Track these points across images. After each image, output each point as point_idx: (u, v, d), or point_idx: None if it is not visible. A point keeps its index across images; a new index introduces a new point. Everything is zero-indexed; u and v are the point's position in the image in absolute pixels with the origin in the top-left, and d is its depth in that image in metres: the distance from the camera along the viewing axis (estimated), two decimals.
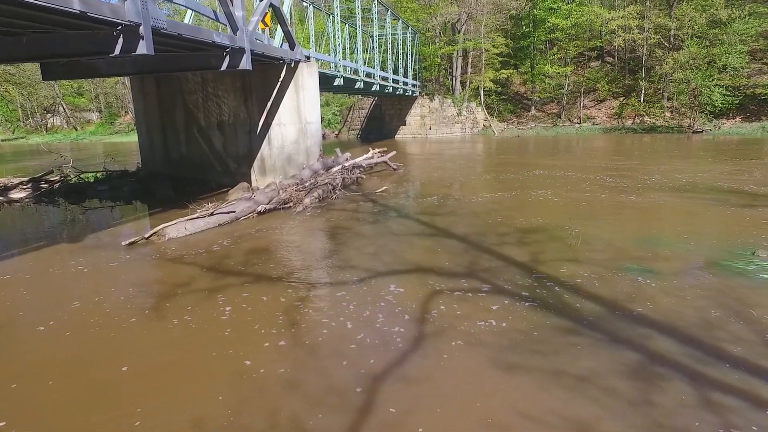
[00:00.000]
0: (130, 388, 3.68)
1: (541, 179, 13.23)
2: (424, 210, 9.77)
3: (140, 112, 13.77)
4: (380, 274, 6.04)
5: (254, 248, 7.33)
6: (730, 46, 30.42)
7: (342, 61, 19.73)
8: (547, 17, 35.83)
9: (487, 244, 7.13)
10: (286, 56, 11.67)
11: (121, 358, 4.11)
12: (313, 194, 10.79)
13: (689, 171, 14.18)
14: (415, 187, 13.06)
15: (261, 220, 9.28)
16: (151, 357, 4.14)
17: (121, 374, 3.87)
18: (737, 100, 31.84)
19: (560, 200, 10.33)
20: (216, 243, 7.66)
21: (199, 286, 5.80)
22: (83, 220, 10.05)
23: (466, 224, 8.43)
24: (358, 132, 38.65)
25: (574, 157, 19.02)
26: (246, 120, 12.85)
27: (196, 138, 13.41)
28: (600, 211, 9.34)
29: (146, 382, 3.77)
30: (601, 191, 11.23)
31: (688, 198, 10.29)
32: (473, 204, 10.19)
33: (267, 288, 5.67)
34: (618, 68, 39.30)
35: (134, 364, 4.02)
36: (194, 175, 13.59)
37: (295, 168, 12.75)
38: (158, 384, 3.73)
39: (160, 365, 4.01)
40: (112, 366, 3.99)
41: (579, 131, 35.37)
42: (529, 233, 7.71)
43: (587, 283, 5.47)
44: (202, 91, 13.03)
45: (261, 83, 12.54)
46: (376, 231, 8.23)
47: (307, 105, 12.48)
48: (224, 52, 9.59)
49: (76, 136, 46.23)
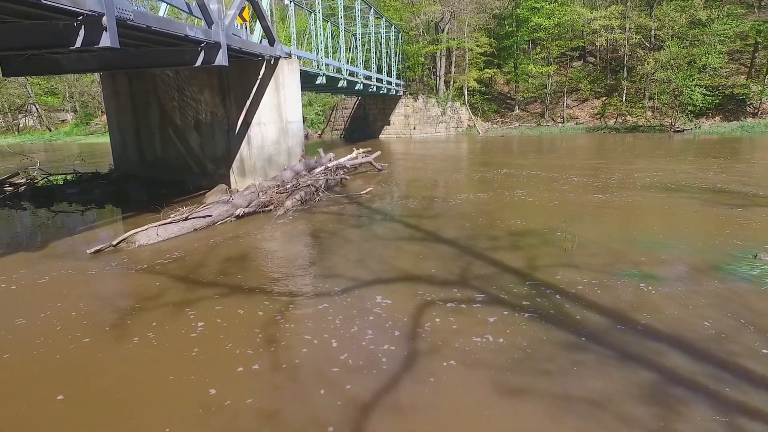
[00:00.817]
0: (59, 422, 3.18)
1: (528, 180, 12.96)
2: (411, 212, 9.38)
3: (112, 111, 13.11)
4: (367, 283, 5.61)
5: (231, 255, 6.84)
6: (710, 46, 30.78)
7: (324, 59, 19.24)
8: (530, 17, 35.85)
9: (479, 249, 6.77)
10: (265, 53, 11.16)
11: (59, 385, 3.60)
12: (294, 196, 10.31)
13: (674, 170, 14.08)
14: (400, 187, 12.67)
15: (239, 225, 8.78)
16: (94, 383, 3.63)
17: (53, 405, 3.36)
18: (717, 100, 32.24)
19: (550, 201, 10.04)
20: (190, 250, 7.15)
21: (169, 298, 5.30)
22: (49, 225, 9.41)
23: (455, 227, 8.06)
24: (341, 132, 38.16)
25: (559, 157, 18.87)
26: (224, 119, 12.30)
27: (172, 138, 12.81)
28: (591, 211, 9.07)
29: (80, 415, 3.26)
30: (590, 191, 10.99)
31: (677, 197, 10.10)
32: (461, 205, 9.83)
33: (244, 300, 5.20)
34: (600, 68, 39.55)
35: (73, 392, 3.51)
36: (170, 177, 12.97)
37: (276, 169, 12.25)
38: (94, 418, 3.22)
39: (102, 394, 3.50)
40: (46, 394, 3.48)
41: (563, 131, 35.45)
42: (521, 236, 7.37)
43: (587, 291, 5.13)
44: (178, 89, 12.43)
45: (239, 81, 12.01)
46: (362, 235, 7.81)
47: (288, 104, 11.99)
48: (199, 47, 9.06)
49: (49, 136, 44.71)
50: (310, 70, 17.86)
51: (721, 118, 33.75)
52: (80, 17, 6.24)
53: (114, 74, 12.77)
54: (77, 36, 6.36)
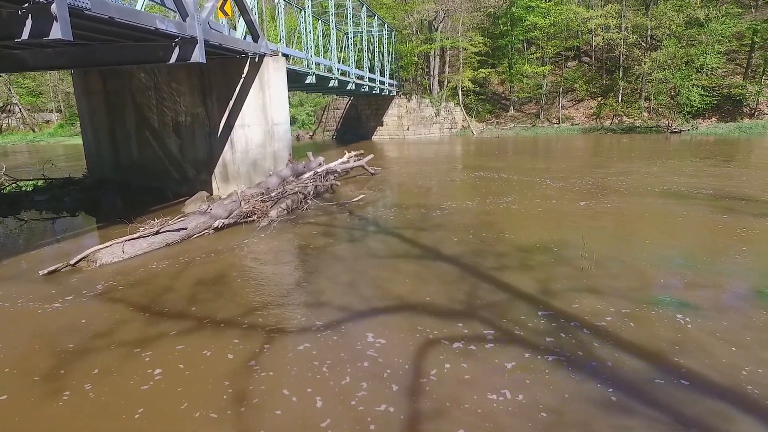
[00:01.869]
0: None
1: (530, 186, 12.23)
2: (407, 223, 8.60)
3: (85, 111, 12.20)
4: (360, 314, 4.82)
5: (204, 277, 6.02)
6: (708, 46, 30.31)
7: (314, 58, 18.42)
8: (525, 16, 35.20)
9: (485, 269, 6.00)
10: (248, 49, 10.34)
11: None
12: (280, 205, 9.49)
13: (681, 173, 13.42)
14: (394, 194, 11.89)
15: (218, 238, 7.95)
16: None
17: None
18: (714, 101, 31.80)
19: (556, 210, 9.31)
20: (158, 270, 6.31)
21: (123, 335, 4.47)
22: (6, 238, 8.52)
23: (456, 241, 7.29)
24: (333, 133, 37.31)
25: (558, 160, 18.17)
26: (205, 121, 11.45)
27: (149, 141, 11.93)
28: (603, 222, 8.34)
29: None
30: (599, 198, 10.28)
31: (693, 205, 9.41)
32: (461, 215, 9.07)
33: (213, 338, 4.39)
34: (595, 68, 39.02)
35: None
36: (148, 183, 12.10)
37: (261, 174, 11.42)
38: None
39: None
40: None
41: (558, 131, 34.85)
42: (531, 252, 6.61)
43: (617, 325, 4.38)
44: (155, 88, 11.57)
45: (221, 80, 11.17)
46: (353, 251, 7.01)
47: (274, 104, 11.17)
48: (173, 42, 8.23)
49: (33, 137, 43.41)
50: (298, 68, 17.03)
51: (718, 118, 33.32)
52: (25, 5, 5.41)
53: (86, 72, 11.87)
54: (23, 27, 5.53)
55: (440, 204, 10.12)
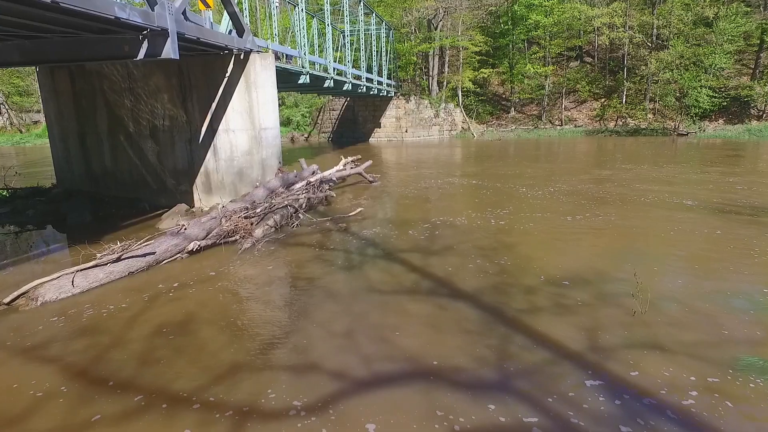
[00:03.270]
0: None
1: (546, 198, 11.11)
2: (413, 244, 7.45)
3: (52, 115, 11.00)
4: (357, 387, 3.67)
5: (166, 322, 4.86)
6: (717, 46, 29.28)
7: (308, 56, 17.25)
8: (528, 14, 34.15)
9: (513, 312, 4.86)
10: (232, 44, 9.18)
11: None
12: (267, 222, 8.34)
13: (705, 182, 12.34)
14: (396, 207, 10.75)
15: (192, 264, 6.80)
16: None
17: None
18: (724, 102, 30.82)
19: (584, 227, 8.20)
20: (111, 312, 5.15)
21: (42, 421, 3.31)
22: None
23: (473, 270, 6.15)
24: (329, 135, 36.14)
25: (568, 166, 17.06)
26: (185, 125, 10.28)
27: (124, 147, 10.75)
28: (639, 243, 7.21)
29: None
30: (626, 212, 9.17)
31: (735, 222, 8.31)
32: (474, 234, 7.93)
33: (160, 424, 3.24)
34: (598, 68, 38.02)
35: None
36: (123, 194, 10.92)
37: (247, 185, 10.27)
38: None
39: None
40: None
41: (561, 134, 33.82)
42: (565, 287, 5.48)
43: (705, 407, 3.25)
44: (129, 88, 10.39)
45: (203, 79, 10.02)
46: (351, 285, 5.85)
47: (262, 107, 10.02)
48: (140, 34, 7.07)
49: (19, 138, 42.02)
50: (291, 68, 15.86)
51: (725, 120, 32.37)
52: None
53: (53, 70, 10.68)
54: None
55: (448, 219, 8.98)
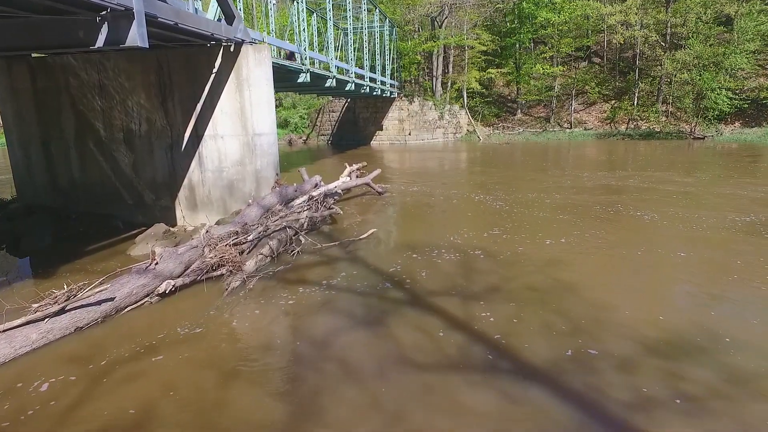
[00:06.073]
0: None
1: (594, 214, 9.59)
2: (448, 283, 5.88)
3: (10, 117, 9.41)
4: None
5: (113, 422, 3.30)
6: (739, 45, 27.78)
7: (309, 53, 15.71)
8: (536, 12, 32.69)
9: (618, 410, 3.33)
10: (219, 33, 7.63)
11: None
12: (261, 249, 6.80)
13: (747, 196, 10.87)
14: (414, 226, 9.22)
15: (164, 311, 5.25)
16: None
17: None
18: (745, 104, 29.42)
19: (656, 259, 6.68)
20: (36, 401, 3.59)
21: None
22: None
23: (537, 329, 4.60)
24: (328, 137, 34.55)
25: (594, 172, 15.53)
26: (165, 130, 8.73)
27: (94, 155, 9.18)
28: (723, 277, 5.69)
29: None
30: (683, 234, 7.67)
31: None
32: (519, 267, 6.39)
33: None
34: (607, 69, 36.61)
35: None
36: (93, 210, 9.34)
37: (239, 200, 8.72)
38: None
39: None
40: None
41: (571, 137, 32.39)
42: (676, 361, 3.94)
43: None
44: (99, 86, 8.82)
45: (186, 76, 8.48)
46: (376, 354, 4.27)
47: (256, 108, 8.49)
48: (98, 15, 5.53)
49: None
50: (290, 64, 14.31)
51: (742, 123, 31.02)
52: None
53: (10, 65, 9.10)
54: None
55: (479, 244, 7.44)
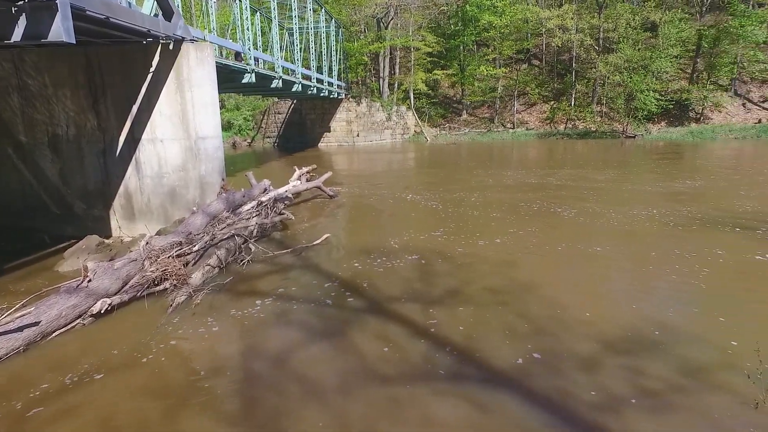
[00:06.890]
0: None
1: (541, 212, 9.79)
2: (407, 288, 5.74)
3: None
4: None
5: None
6: (663, 50, 29.90)
7: (254, 52, 15.15)
8: (479, 15, 33.52)
9: (586, 410, 3.30)
10: (156, 30, 7.10)
11: None
12: (208, 260, 6.37)
13: (709, 195, 11.60)
14: (368, 230, 9.04)
15: (98, 334, 4.76)
16: None
17: None
18: (670, 105, 31.60)
19: (606, 254, 6.86)
20: None
21: None
22: None
23: (500, 332, 4.55)
24: (274, 140, 33.72)
25: (540, 170, 16.01)
26: (97, 134, 8.05)
27: (13, 162, 8.31)
28: (701, 276, 5.93)
29: None
30: (654, 232, 7.99)
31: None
32: (476, 268, 6.36)
33: None
34: (546, 71, 38.15)
35: None
36: (14, 222, 8.47)
37: (182, 208, 8.19)
38: None
39: None
40: None
41: (514, 137, 33.47)
42: (636, 358, 3.98)
43: None
44: (19, 85, 8.00)
45: (120, 75, 7.85)
46: (338, 368, 4.04)
47: (200, 110, 7.99)
48: (13, 6, 4.95)
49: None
50: (233, 64, 13.72)
51: (667, 123, 33.33)
52: None
53: None
54: None
55: (435, 246, 7.37)
